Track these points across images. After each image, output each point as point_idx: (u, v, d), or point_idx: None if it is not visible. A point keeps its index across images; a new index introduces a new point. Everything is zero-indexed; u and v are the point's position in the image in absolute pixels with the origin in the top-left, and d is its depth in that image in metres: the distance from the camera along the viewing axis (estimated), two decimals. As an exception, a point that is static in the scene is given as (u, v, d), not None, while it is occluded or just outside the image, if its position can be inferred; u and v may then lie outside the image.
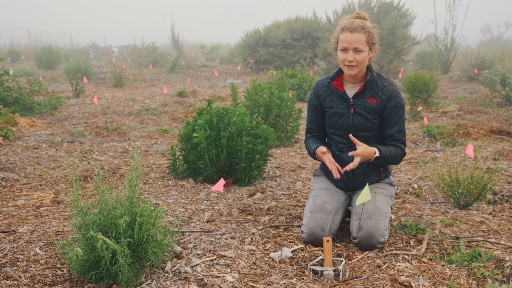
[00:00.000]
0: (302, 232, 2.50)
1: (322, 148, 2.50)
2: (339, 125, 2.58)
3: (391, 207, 2.56)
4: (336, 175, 2.42)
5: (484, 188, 3.00)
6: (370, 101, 2.52)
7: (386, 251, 2.37)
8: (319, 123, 2.70)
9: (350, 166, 2.38)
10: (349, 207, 2.77)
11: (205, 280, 2.03)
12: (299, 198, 3.27)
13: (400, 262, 2.24)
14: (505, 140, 5.03)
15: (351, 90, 2.58)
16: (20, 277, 2.05)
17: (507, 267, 2.15)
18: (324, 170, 2.76)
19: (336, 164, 2.47)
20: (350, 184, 2.64)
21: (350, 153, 2.39)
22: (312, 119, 2.71)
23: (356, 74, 2.51)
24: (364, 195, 2.21)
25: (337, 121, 2.58)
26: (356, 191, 2.66)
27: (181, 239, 2.48)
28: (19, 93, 6.76)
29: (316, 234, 2.42)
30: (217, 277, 2.06)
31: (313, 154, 2.60)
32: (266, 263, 2.23)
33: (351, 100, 2.55)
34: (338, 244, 2.48)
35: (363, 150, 2.38)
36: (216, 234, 2.56)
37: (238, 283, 2.01)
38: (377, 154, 2.45)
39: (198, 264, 2.19)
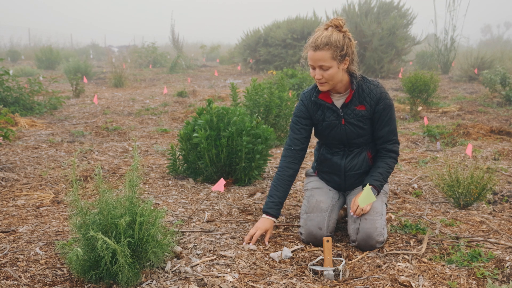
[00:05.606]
0: (300, 234, 2.50)
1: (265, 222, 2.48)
2: (333, 136, 2.55)
3: (386, 204, 2.55)
4: (245, 242, 2.42)
5: (484, 188, 2.99)
6: (359, 108, 2.47)
7: (386, 251, 2.36)
8: (307, 135, 2.61)
9: (358, 212, 2.39)
10: (344, 205, 2.76)
11: (205, 280, 2.03)
12: (299, 198, 3.27)
13: (400, 262, 2.24)
14: (505, 140, 5.03)
15: (338, 100, 2.52)
16: (20, 277, 2.05)
17: (507, 267, 2.15)
18: (316, 169, 2.76)
19: (252, 235, 2.43)
20: (342, 186, 2.64)
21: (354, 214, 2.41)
22: (299, 130, 2.60)
23: (329, 89, 2.46)
24: (368, 197, 2.20)
25: (330, 133, 2.55)
26: (349, 191, 2.66)
27: (181, 239, 2.48)
28: (19, 93, 6.76)
29: (315, 233, 2.42)
30: (217, 277, 2.06)
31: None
32: (266, 263, 2.23)
33: (341, 110, 2.50)
34: (338, 244, 2.48)
35: (360, 200, 2.36)
36: (216, 234, 2.56)
37: (238, 283, 2.01)
38: (374, 189, 2.45)
39: (198, 264, 2.19)
